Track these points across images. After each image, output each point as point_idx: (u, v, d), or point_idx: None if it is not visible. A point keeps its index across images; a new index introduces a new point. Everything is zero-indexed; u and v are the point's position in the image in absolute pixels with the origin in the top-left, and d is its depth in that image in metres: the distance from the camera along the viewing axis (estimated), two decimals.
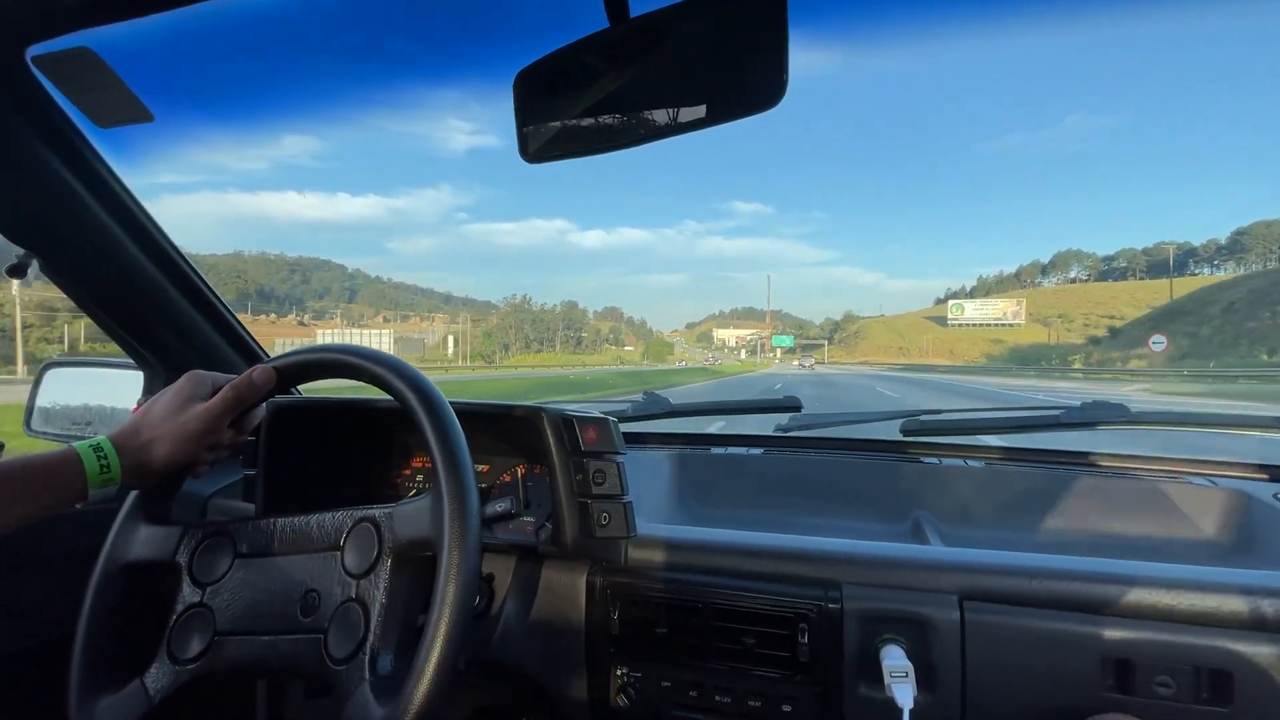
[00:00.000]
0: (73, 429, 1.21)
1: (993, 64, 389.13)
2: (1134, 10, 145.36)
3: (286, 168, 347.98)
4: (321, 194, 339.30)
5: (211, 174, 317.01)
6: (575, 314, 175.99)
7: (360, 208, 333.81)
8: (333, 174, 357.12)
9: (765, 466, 1.30)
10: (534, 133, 0.63)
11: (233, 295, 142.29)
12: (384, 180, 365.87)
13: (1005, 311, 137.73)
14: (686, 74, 0.57)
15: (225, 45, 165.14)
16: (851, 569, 0.82)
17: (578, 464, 0.86)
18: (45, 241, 0.93)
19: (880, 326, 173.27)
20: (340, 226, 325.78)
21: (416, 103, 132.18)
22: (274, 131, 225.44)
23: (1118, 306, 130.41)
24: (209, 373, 0.75)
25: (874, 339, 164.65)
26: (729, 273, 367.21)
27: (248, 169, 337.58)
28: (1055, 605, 0.75)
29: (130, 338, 1.12)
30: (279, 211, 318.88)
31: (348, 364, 0.70)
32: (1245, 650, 0.68)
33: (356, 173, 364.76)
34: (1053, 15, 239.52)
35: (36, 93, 0.81)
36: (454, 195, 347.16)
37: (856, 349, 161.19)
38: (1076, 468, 1.16)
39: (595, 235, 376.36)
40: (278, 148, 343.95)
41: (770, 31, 0.51)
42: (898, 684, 0.72)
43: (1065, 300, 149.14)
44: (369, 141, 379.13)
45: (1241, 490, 1.03)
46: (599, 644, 0.89)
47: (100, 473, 0.64)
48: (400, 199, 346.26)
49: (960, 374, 43.06)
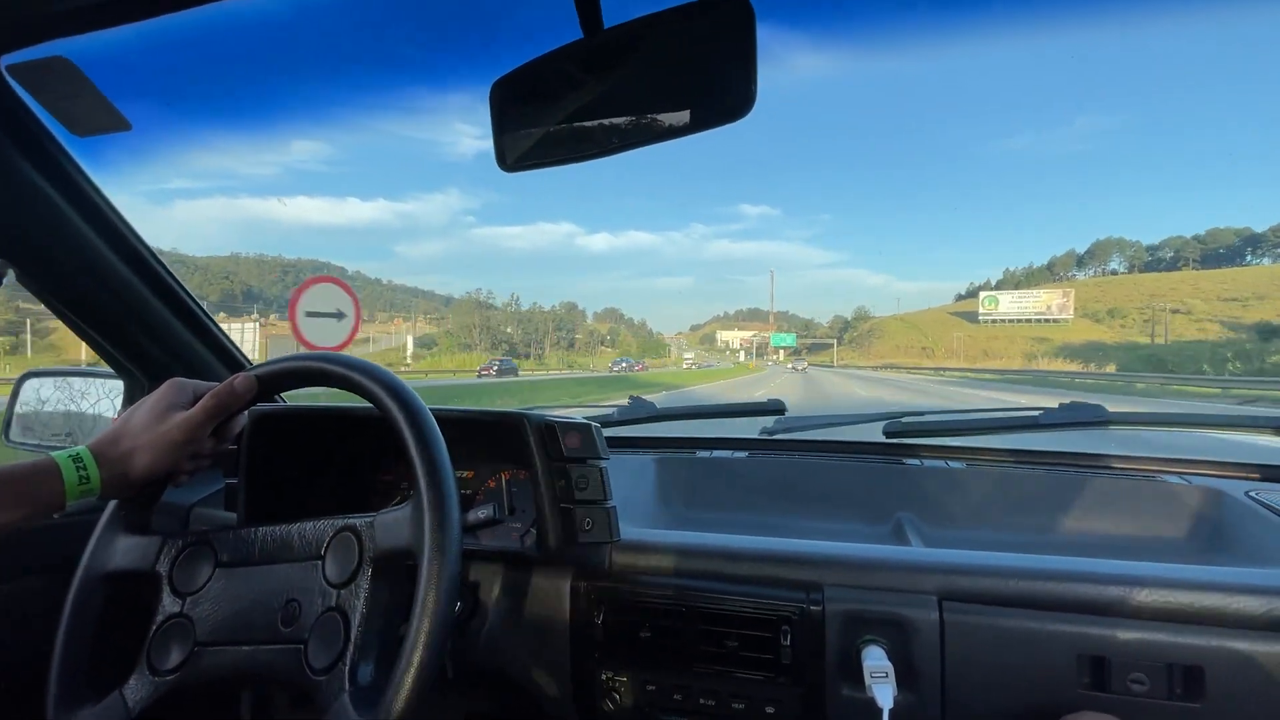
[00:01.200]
0: (52, 439, 1.20)
1: (1000, 62, 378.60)
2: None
3: (297, 173, 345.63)
4: (331, 199, 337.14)
5: (225, 179, 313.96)
6: (573, 315, 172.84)
7: (369, 212, 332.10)
8: (342, 179, 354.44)
9: (750, 469, 1.31)
10: (510, 142, 0.64)
11: (217, 296, 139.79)
12: (392, 184, 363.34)
13: (1049, 305, 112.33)
14: (658, 84, 0.58)
15: (224, 51, 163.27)
16: (833, 571, 0.83)
17: (560, 470, 0.87)
18: (21, 250, 0.93)
19: (898, 324, 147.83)
20: (349, 230, 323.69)
21: (424, 107, 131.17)
22: (283, 137, 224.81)
23: (1181, 298, 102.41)
24: (190, 380, 0.75)
25: (891, 338, 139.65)
26: (736, 275, 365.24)
27: (259, 174, 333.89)
28: (1031, 605, 0.76)
29: (110, 346, 1.11)
30: (287, 216, 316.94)
31: (328, 372, 0.70)
32: (1216, 646, 0.70)
33: (365, 177, 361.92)
34: (1064, 15, 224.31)
35: (11, 102, 0.80)
36: (462, 199, 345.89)
37: (871, 349, 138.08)
38: (1055, 468, 1.18)
39: (602, 238, 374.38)
40: (287, 153, 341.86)
41: (740, 44, 0.52)
42: (878, 684, 0.73)
43: (1113, 293, 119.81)
44: (378, 146, 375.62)
45: (1215, 488, 1.05)
46: (584, 649, 0.89)
47: (79, 483, 0.63)
48: (409, 203, 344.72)
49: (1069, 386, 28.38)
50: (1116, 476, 1.13)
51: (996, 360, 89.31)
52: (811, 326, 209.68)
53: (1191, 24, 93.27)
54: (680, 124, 0.56)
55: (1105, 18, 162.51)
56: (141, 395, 1.17)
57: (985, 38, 75.87)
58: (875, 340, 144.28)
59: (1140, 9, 50.09)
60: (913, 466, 1.23)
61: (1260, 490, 1.03)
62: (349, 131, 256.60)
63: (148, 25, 0.66)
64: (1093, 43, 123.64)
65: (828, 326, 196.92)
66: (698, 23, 0.53)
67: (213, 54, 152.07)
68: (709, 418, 1.45)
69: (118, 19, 0.65)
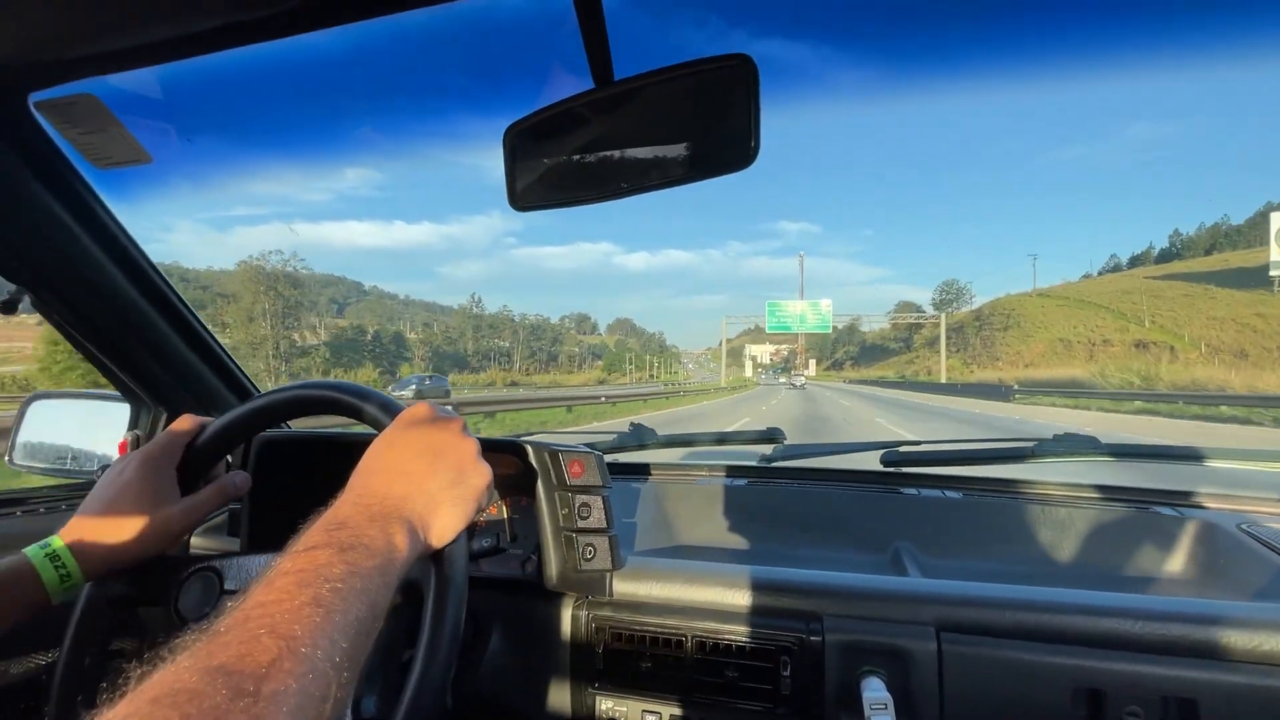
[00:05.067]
0: (57, 463, 1.21)
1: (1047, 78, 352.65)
2: None
3: (348, 199, 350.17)
4: (379, 222, 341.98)
5: (280, 205, 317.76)
6: (585, 325, 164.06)
7: (415, 234, 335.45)
8: (390, 203, 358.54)
9: (749, 497, 1.32)
10: (522, 182, 0.67)
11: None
12: (437, 207, 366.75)
13: None
14: (664, 134, 0.61)
15: (279, 88, 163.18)
16: (832, 601, 0.83)
17: (564, 498, 0.88)
18: (36, 277, 0.95)
19: (1046, 306, 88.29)
20: (393, 253, 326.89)
21: (469, 133, 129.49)
22: (336, 165, 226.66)
23: None
24: (180, 434, 0.68)
25: (1039, 328, 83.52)
26: (772, 293, 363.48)
27: (313, 200, 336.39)
28: (1028, 636, 0.77)
29: (118, 370, 1.13)
30: (338, 238, 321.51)
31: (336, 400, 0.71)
32: (1209, 679, 0.70)
33: (412, 201, 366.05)
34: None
35: (36, 136, 0.83)
36: (504, 220, 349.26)
37: (1001, 350, 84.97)
38: (1050, 499, 1.19)
39: (640, 257, 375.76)
40: (340, 179, 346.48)
41: (742, 101, 0.55)
42: (877, 715, 0.73)
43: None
44: (424, 171, 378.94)
45: (1208, 521, 1.07)
46: (584, 677, 0.89)
47: (60, 581, 0.59)
48: (452, 225, 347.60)
49: None
50: (1110, 507, 1.14)
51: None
52: (854, 331, 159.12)
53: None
54: (684, 173, 0.59)
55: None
56: (147, 419, 1.19)
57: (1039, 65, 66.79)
58: (1010, 336, 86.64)
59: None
60: (910, 496, 1.24)
61: (1251, 524, 1.04)
62: (397, 158, 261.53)
63: (200, 62, 0.68)
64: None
65: (894, 322, 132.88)
66: (704, 78, 0.56)
67: (267, 90, 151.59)
68: (708, 445, 1.46)
69: (152, 59, 0.68)
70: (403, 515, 0.50)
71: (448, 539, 0.55)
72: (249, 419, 0.72)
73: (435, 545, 0.54)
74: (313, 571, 0.41)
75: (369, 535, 0.47)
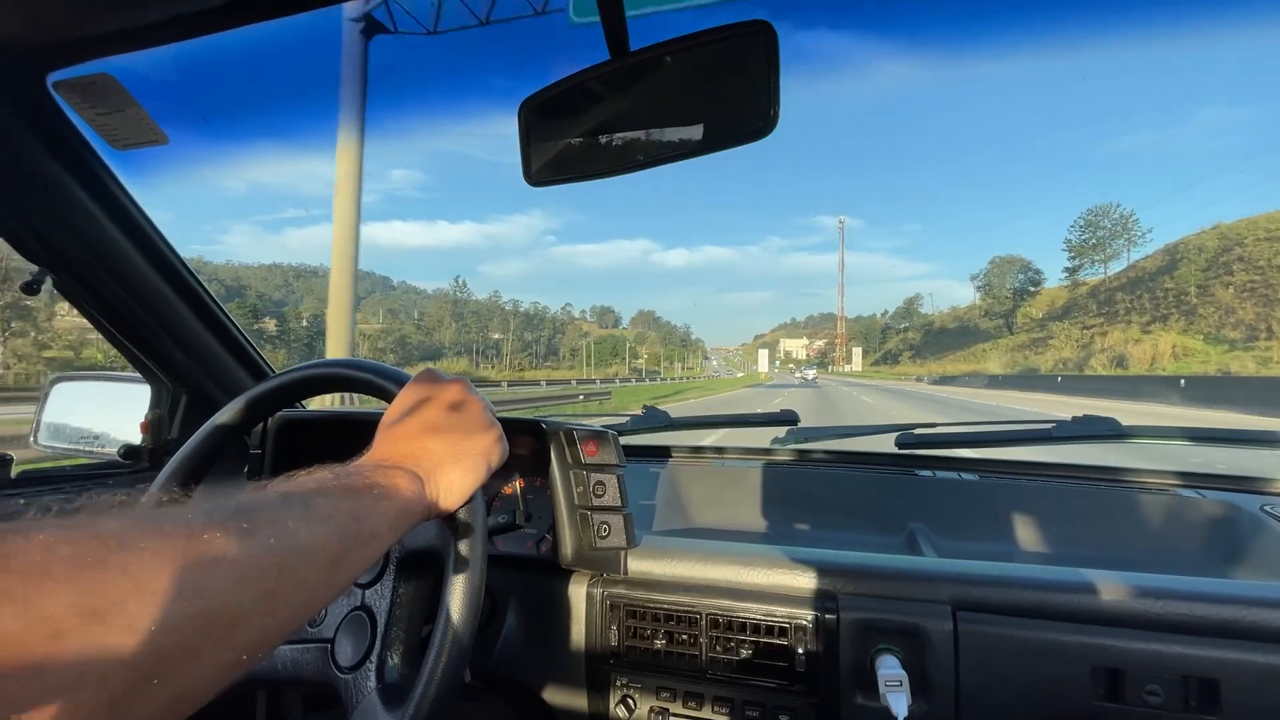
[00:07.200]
0: (80, 443, 1.23)
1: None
2: None
3: (394, 199, 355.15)
4: (424, 222, 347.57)
5: (323, 206, 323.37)
6: (607, 318, 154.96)
7: (458, 234, 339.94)
8: (434, 204, 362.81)
9: (763, 479, 1.31)
10: (537, 156, 0.66)
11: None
12: (479, 207, 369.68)
13: None
14: (681, 104, 0.61)
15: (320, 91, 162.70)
16: (847, 580, 0.83)
17: (579, 476, 0.88)
18: (58, 259, 0.96)
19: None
20: (436, 252, 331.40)
21: (511, 132, 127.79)
22: (383, 167, 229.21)
23: None
24: None
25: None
26: (813, 289, 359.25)
27: (364, 202, 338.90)
28: (1046, 615, 0.76)
29: (138, 351, 1.14)
30: (384, 238, 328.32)
31: (352, 378, 0.72)
32: (1232, 659, 0.70)
33: (455, 202, 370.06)
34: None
35: (55, 116, 0.84)
36: (544, 219, 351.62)
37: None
38: (1067, 480, 1.18)
39: (679, 254, 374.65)
40: (387, 181, 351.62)
41: (762, 68, 0.54)
42: (892, 693, 0.74)
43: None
44: (467, 171, 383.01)
45: (1229, 502, 1.05)
46: (599, 654, 0.90)
47: None
48: (493, 224, 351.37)
49: None
50: (1129, 490, 1.13)
51: None
52: (911, 313, 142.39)
53: None
54: (702, 142, 0.59)
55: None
56: (168, 400, 1.20)
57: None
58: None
59: None
60: (925, 478, 1.23)
61: (1275, 504, 1.03)
62: (441, 159, 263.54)
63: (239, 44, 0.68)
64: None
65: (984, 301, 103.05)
66: (722, 45, 0.56)
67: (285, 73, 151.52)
68: (723, 427, 1.46)
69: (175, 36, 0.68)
70: (408, 469, 0.51)
71: (459, 498, 0.55)
72: (272, 395, 0.73)
73: (446, 504, 0.54)
74: (301, 480, 0.44)
75: (372, 477, 0.47)
